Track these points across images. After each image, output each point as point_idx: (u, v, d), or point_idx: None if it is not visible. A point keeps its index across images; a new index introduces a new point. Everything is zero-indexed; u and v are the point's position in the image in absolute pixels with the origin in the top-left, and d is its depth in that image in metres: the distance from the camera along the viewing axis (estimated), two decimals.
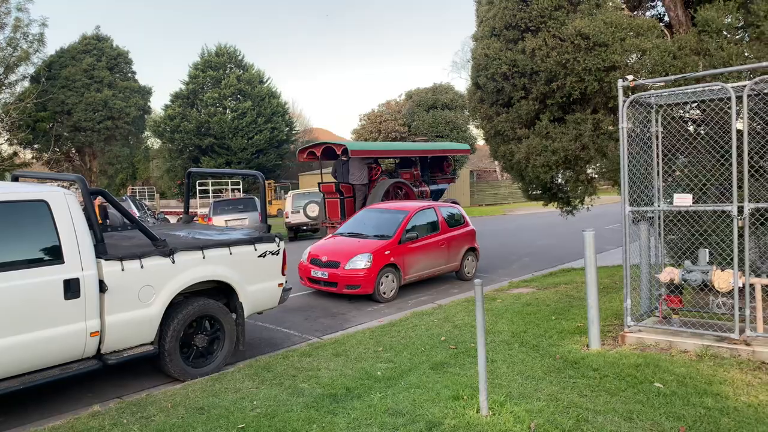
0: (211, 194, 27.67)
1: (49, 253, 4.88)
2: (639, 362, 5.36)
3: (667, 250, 6.67)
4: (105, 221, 8.87)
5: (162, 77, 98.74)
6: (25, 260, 4.75)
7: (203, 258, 5.96)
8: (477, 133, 33.03)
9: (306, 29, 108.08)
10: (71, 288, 4.91)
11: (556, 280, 10.47)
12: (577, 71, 7.90)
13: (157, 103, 55.05)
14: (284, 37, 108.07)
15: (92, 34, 38.53)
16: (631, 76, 5.91)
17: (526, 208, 33.13)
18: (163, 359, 5.70)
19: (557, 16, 8.24)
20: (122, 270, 5.29)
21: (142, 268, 5.43)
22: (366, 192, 16.59)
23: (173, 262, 5.67)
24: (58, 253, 4.91)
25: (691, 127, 7.03)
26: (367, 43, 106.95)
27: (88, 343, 5.09)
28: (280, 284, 6.84)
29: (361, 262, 9.51)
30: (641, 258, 6.29)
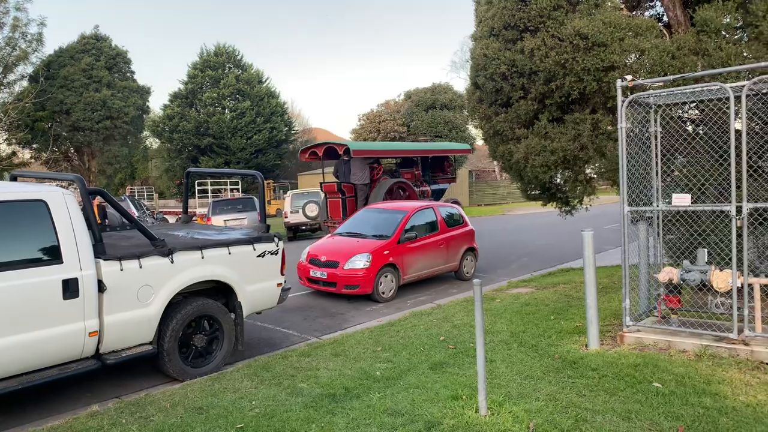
0: (209, 194, 27.64)
1: (48, 253, 4.88)
2: (638, 362, 5.37)
3: (666, 249, 6.67)
4: (104, 221, 8.85)
5: (161, 77, 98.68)
6: (24, 260, 4.75)
7: (202, 258, 5.96)
8: (476, 133, 33.05)
9: (306, 29, 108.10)
10: (70, 288, 4.91)
11: (555, 280, 10.47)
12: (576, 71, 7.90)
13: (156, 103, 55.28)
14: (284, 37, 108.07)
15: (91, 34, 38.40)
16: (629, 76, 5.92)
17: (525, 208, 33.14)
18: (162, 359, 5.70)
19: (556, 16, 8.25)
20: (121, 270, 5.29)
21: (140, 268, 5.43)
22: (367, 192, 16.61)
23: (172, 262, 5.67)
24: (56, 253, 4.90)
25: (689, 127, 7.04)
26: (367, 43, 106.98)
27: (86, 343, 5.09)
28: (279, 284, 6.84)
29: (360, 262, 9.51)
30: (640, 258, 6.29)
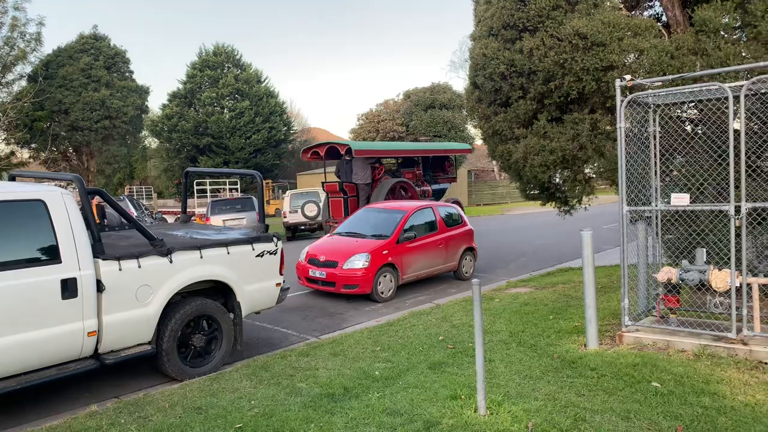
0: (208, 194, 27.60)
1: (47, 252, 4.87)
2: (636, 362, 5.37)
3: (665, 249, 6.67)
4: (102, 221, 8.86)
5: (160, 77, 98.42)
6: (23, 260, 4.74)
7: (201, 258, 5.95)
8: (475, 133, 33.08)
9: (305, 29, 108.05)
10: (68, 288, 4.90)
11: (554, 280, 10.47)
12: (575, 71, 7.90)
13: (155, 103, 55.23)
14: (284, 37, 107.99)
15: (90, 34, 38.35)
16: (628, 76, 5.92)
17: (524, 208, 33.15)
18: (161, 359, 5.69)
19: (555, 15, 8.25)
20: (120, 270, 5.28)
21: (139, 267, 5.42)
22: (369, 191, 16.61)
23: (171, 262, 5.67)
24: (55, 252, 4.90)
25: (688, 127, 7.05)
26: (366, 43, 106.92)
27: (85, 342, 5.08)
28: (278, 284, 6.83)
29: (359, 262, 9.51)
30: (639, 257, 6.29)
